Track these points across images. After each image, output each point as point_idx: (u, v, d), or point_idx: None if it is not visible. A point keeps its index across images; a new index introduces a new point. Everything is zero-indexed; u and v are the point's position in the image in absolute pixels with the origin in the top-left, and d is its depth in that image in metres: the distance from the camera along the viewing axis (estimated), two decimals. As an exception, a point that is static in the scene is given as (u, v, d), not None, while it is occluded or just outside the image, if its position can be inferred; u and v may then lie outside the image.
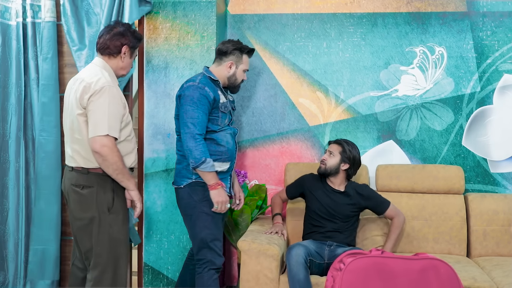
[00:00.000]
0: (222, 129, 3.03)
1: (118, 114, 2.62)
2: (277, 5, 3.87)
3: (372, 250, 2.25)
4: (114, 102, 2.60)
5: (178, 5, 3.58)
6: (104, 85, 2.58)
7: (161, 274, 3.59)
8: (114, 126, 2.58)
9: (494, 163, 3.72)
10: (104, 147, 2.55)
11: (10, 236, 3.59)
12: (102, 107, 2.56)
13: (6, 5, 3.56)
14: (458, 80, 3.74)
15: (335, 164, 3.28)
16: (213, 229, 2.98)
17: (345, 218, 3.26)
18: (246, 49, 3.09)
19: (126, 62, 2.79)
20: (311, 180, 3.40)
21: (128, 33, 2.76)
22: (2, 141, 3.57)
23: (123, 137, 2.69)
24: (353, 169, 3.31)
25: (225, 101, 3.03)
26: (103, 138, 2.55)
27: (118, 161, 2.59)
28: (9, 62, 3.57)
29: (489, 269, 3.17)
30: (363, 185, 3.34)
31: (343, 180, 3.34)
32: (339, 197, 3.30)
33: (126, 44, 2.75)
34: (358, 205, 3.28)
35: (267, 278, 3.01)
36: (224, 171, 3.05)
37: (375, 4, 3.79)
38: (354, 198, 3.28)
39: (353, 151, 3.30)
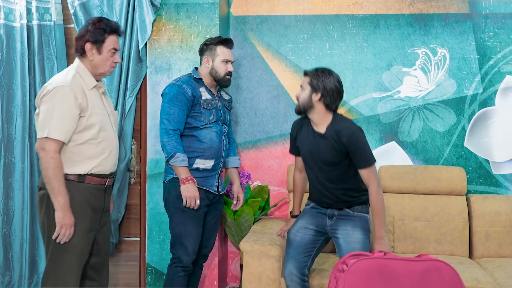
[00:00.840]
0: (207, 126, 3.06)
1: (67, 115, 2.44)
2: (279, 7, 3.88)
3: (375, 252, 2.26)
4: (63, 102, 2.44)
5: (181, 6, 3.60)
6: (57, 85, 2.46)
7: (164, 275, 3.60)
8: (58, 128, 2.42)
9: (496, 164, 3.73)
10: (40, 150, 2.43)
11: (15, 237, 3.61)
12: (48, 108, 2.44)
13: (11, 7, 3.58)
14: (460, 81, 3.75)
15: (306, 98, 2.84)
16: (188, 226, 3.02)
17: (330, 165, 2.85)
18: (216, 40, 3.11)
19: (98, 60, 2.59)
20: (296, 125, 3.04)
21: (88, 28, 2.57)
22: (8, 143, 3.60)
23: (82, 139, 2.51)
24: (329, 97, 2.80)
25: (208, 98, 3.08)
26: (43, 141, 2.43)
27: (48, 168, 2.40)
28: (13, 64, 3.59)
29: (492, 270, 3.18)
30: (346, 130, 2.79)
31: (324, 116, 2.85)
32: (320, 140, 2.87)
33: (88, 41, 2.56)
34: (339, 150, 2.81)
35: (270, 279, 3.03)
36: (209, 169, 3.08)
37: (377, 5, 3.80)
38: (333, 142, 2.81)
39: (323, 77, 2.83)
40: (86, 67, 2.59)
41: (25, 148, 3.59)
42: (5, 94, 3.59)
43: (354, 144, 2.77)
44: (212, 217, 3.18)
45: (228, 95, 3.28)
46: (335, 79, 2.85)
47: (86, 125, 2.51)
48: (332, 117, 2.86)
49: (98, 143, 2.56)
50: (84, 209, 2.54)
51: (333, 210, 2.93)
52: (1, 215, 3.59)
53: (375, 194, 2.78)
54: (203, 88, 3.09)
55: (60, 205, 2.43)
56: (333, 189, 2.88)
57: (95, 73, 2.61)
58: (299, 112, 2.91)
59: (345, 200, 2.89)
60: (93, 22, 2.59)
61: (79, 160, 2.51)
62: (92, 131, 2.53)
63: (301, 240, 2.95)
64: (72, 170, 2.50)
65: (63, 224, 2.43)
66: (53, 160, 2.41)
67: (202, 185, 3.06)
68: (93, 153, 2.55)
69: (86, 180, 2.54)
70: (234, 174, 3.31)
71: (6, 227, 3.61)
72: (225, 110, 3.20)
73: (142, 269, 3.70)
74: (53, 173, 2.40)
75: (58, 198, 2.42)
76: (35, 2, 3.57)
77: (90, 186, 2.56)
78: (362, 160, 2.78)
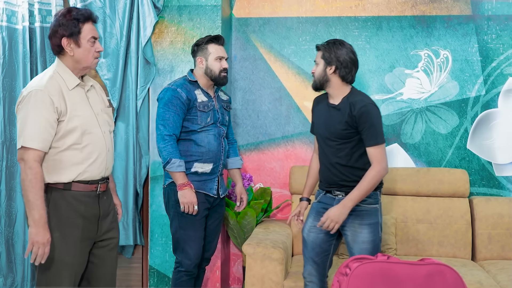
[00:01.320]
0: (204, 129, 3.04)
1: (42, 120, 2.24)
2: (282, 9, 3.88)
3: (378, 255, 2.25)
4: (37, 108, 2.24)
5: (184, 9, 3.60)
6: (31, 89, 2.27)
7: (167, 277, 3.61)
8: (34, 136, 2.22)
9: (499, 166, 3.73)
10: (20, 161, 2.25)
11: (18, 239, 3.62)
12: (23, 116, 2.26)
13: (13, 9, 3.59)
14: (463, 83, 3.74)
15: (320, 72, 2.78)
16: (189, 230, 3.02)
17: (339, 138, 2.77)
18: (206, 39, 3.10)
19: (79, 53, 2.36)
20: (317, 102, 2.96)
21: (61, 22, 2.34)
22: (10, 145, 3.60)
23: (64, 145, 2.31)
24: (343, 69, 2.74)
25: (204, 100, 3.05)
26: (20, 151, 2.25)
27: (25, 180, 2.21)
28: (16, 66, 3.60)
29: (495, 273, 3.17)
30: (360, 103, 2.71)
31: (341, 88, 2.79)
32: (332, 111, 2.80)
33: (63, 35, 2.33)
34: (350, 124, 2.73)
35: (272, 281, 3.03)
36: (208, 173, 3.06)
37: (379, 7, 3.80)
38: (345, 114, 2.73)
39: (335, 49, 2.76)
40: (66, 65, 2.38)
41: None
42: (8, 97, 3.59)
43: (364, 117, 2.68)
44: (214, 220, 3.16)
45: (226, 95, 3.25)
46: (348, 49, 2.77)
47: (67, 130, 2.31)
48: (349, 90, 2.80)
49: (82, 148, 2.35)
50: (73, 218, 2.35)
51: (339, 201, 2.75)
52: (4, 217, 3.60)
53: (374, 171, 2.68)
54: (198, 91, 3.07)
55: (34, 220, 2.21)
56: (339, 165, 2.78)
57: (78, 69, 2.40)
58: (316, 88, 2.85)
59: (351, 180, 2.76)
60: (63, 14, 2.36)
61: (63, 167, 2.32)
62: (74, 136, 2.33)
63: (314, 240, 2.87)
64: (56, 179, 2.32)
65: (35, 241, 2.20)
66: (30, 170, 2.22)
67: (201, 189, 3.04)
68: (78, 159, 2.35)
69: (72, 187, 2.35)
70: (236, 175, 3.29)
71: (9, 229, 3.61)
72: (223, 111, 3.16)
73: (145, 272, 3.70)
74: (28, 185, 2.21)
75: (32, 212, 2.21)
76: (38, 5, 3.57)
77: (78, 194, 2.36)
78: (370, 137, 2.69)
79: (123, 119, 3.56)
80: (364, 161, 2.76)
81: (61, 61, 2.39)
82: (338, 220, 2.68)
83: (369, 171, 2.69)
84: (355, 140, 2.75)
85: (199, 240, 3.05)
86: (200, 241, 3.05)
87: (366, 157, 2.75)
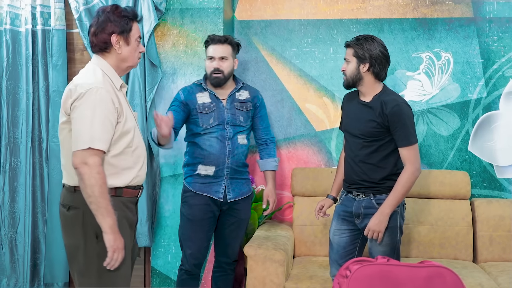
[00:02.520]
0: (207, 131, 3.07)
1: (106, 121, 2.14)
2: (283, 11, 3.90)
3: (378, 258, 2.27)
4: (101, 107, 2.12)
5: (186, 11, 3.62)
6: (90, 86, 2.14)
7: (169, 279, 3.63)
8: (99, 137, 2.11)
9: (501, 168, 3.73)
10: (82, 165, 2.08)
11: (21, 240, 3.64)
12: (85, 114, 2.12)
13: (17, 12, 3.62)
14: (464, 85, 3.75)
15: (353, 70, 2.74)
16: (188, 231, 3.10)
17: (367, 136, 2.73)
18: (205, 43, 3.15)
19: (126, 52, 2.29)
20: (346, 99, 2.94)
21: (111, 18, 2.25)
22: (13, 147, 3.63)
23: (119, 149, 2.21)
24: (377, 66, 2.71)
25: (206, 102, 3.09)
26: (84, 153, 2.09)
27: (94, 185, 2.07)
28: (19, 69, 3.62)
29: (496, 274, 3.18)
30: (392, 102, 2.67)
31: (373, 86, 2.76)
32: (363, 109, 2.77)
33: (114, 32, 2.24)
34: (380, 122, 2.69)
35: (273, 283, 3.04)
36: (211, 175, 3.09)
37: (381, 10, 3.81)
38: (376, 112, 2.70)
39: (367, 45, 2.72)
40: (110, 64, 2.28)
41: (28, 152, 3.62)
42: (11, 99, 3.62)
43: (397, 117, 2.64)
44: (229, 224, 3.17)
45: (247, 95, 3.21)
46: (379, 44, 2.73)
47: (123, 132, 2.21)
48: (382, 88, 2.77)
49: (133, 151, 2.26)
50: (124, 227, 2.24)
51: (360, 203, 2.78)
52: (7, 219, 3.63)
53: (408, 173, 2.65)
54: (201, 93, 3.11)
55: (110, 227, 2.10)
56: (362, 163, 2.76)
57: (121, 68, 2.32)
58: (347, 86, 2.81)
59: (372, 179, 2.75)
60: (112, 10, 2.26)
61: (115, 172, 2.22)
62: (128, 138, 2.24)
63: (339, 243, 2.88)
64: (109, 184, 2.17)
65: (116, 247, 2.12)
66: (99, 175, 2.09)
67: (205, 192, 3.08)
68: (129, 163, 2.25)
69: (123, 193, 2.25)
70: (267, 176, 3.29)
71: (12, 231, 3.64)
72: (236, 111, 3.13)
73: (147, 273, 3.72)
74: (100, 191, 2.08)
75: (107, 219, 2.10)
76: (40, 8, 3.60)
77: (126, 200, 2.27)
78: (402, 137, 2.65)
79: None
80: (387, 162, 2.75)
81: (104, 59, 2.28)
82: (380, 229, 2.69)
83: (402, 173, 2.67)
84: (383, 140, 2.72)
85: (199, 242, 3.08)
86: (200, 242, 3.09)
87: (390, 159, 2.75)
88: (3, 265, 3.64)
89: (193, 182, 3.11)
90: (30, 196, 3.63)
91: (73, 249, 2.21)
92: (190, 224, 3.09)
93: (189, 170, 3.15)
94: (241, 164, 3.17)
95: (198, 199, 3.08)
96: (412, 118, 2.71)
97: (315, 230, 3.57)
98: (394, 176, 2.73)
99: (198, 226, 3.08)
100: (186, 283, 3.13)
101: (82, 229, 2.18)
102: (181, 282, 3.16)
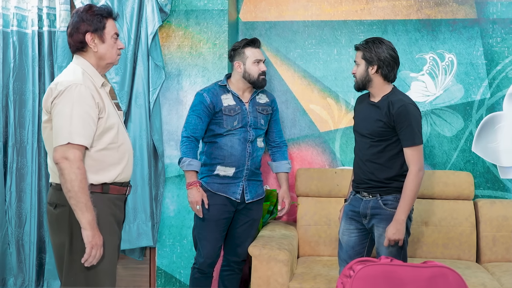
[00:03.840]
0: (230, 132, 3.10)
1: (86, 116, 2.14)
2: (288, 13, 3.92)
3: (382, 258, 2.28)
4: (80, 102, 2.14)
5: (191, 13, 3.64)
6: (70, 84, 2.16)
7: (174, 278, 3.66)
8: (79, 132, 2.11)
9: (504, 169, 3.74)
10: (63, 160, 2.09)
11: (27, 239, 3.68)
12: (64, 110, 2.13)
13: (23, 14, 3.65)
14: (468, 86, 3.77)
15: (362, 72, 2.80)
16: (202, 229, 3.13)
17: (374, 136, 2.78)
18: (242, 43, 3.15)
19: (103, 49, 2.30)
20: (358, 101, 3.00)
21: (84, 17, 2.26)
22: (20, 147, 3.67)
23: (102, 144, 2.22)
24: (385, 68, 2.75)
25: (231, 104, 3.11)
26: (64, 148, 2.10)
27: (74, 180, 2.07)
28: (26, 70, 3.65)
29: (499, 275, 3.19)
30: (399, 102, 2.71)
31: (383, 87, 2.81)
32: (371, 109, 2.83)
33: (87, 31, 2.26)
34: (388, 123, 2.73)
35: (278, 283, 3.06)
36: (230, 176, 3.12)
37: (385, 11, 3.83)
38: (383, 112, 2.74)
39: (375, 48, 2.77)
40: (89, 62, 2.30)
41: (34, 152, 3.66)
42: (18, 100, 3.66)
43: (402, 117, 2.67)
44: (242, 224, 3.21)
45: (266, 98, 3.26)
46: (388, 46, 2.78)
47: (106, 127, 2.23)
48: (390, 89, 2.81)
49: (118, 147, 2.28)
50: (111, 224, 2.26)
51: (367, 203, 2.81)
52: (14, 218, 3.66)
53: (412, 175, 2.68)
54: (226, 95, 3.13)
55: (89, 222, 2.11)
56: (369, 162, 2.80)
57: (101, 66, 2.34)
58: (358, 88, 2.87)
59: (379, 179, 2.78)
60: (85, 10, 2.28)
61: (102, 168, 2.23)
62: (111, 134, 2.25)
63: (348, 242, 2.91)
64: (95, 180, 2.21)
65: (94, 244, 2.13)
66: (79, 170, 2.10)
67: (223, 192, 3.12)
68: (115, 158, 2.27)
69: (110, 190, 2.26)
70: (281, 178, 3.34)
71: (19, 230, 3.68)
72: (258, 114, 3.18)
73: (152, 272, 3.75)
74: (79, 186, 2.09)
75: (85, 215, 2.10)
76: (46, 9, 3.63)
77: (114, 197, 2.28)
78: (406, 137, 2.69)
79: (134, 122, 3.59)
80: (394, 162, 2.77)
81: (83, 58, 2.31)
82: (399, 237, 2.71)
83: (407, 177, 2.70)
84: (390, 140, 2.75)
85: (214, 241, 3.12)
86: (215, 242, 3.12)
87: (397, 159, 2.77)
88: (10, 265, 3.67)
89: (211, 182, 3.14)
90: (36, 196, 3.66)
91: (60, 246, 2.22)
92: (207, 224, 3.11)
93: (206, 170, 3.17)
94: (258, 167, 3.24)
95: (215, 199, 3.11)
96: (418, 119, 2.74)
97: (319, 230, 3.59)
98: (400, 177, 2.76)
99: (214, 226, 3.12)
100: (199, 282, 3.17)
101: (68, 226, 2.19)
102: (194, 280, 3.19)
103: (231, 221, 3.21)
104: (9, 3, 3.61)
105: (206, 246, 3.13)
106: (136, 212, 3.55)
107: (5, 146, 3.65)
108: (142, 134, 3.57)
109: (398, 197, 2.75)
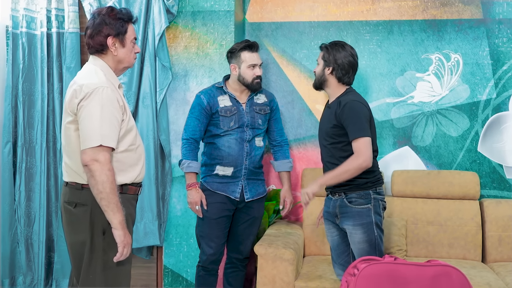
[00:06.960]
0: (227, 133, 3.15)
1: (113, 119, 2.20)
2: (294, 13, 3.94)
3: (386, 257, 2.31)
4: (108, 105, 2.18)
5: (197, 14, 3.67)
6: (96, 86, 2.19)
7: (181, 277, 3.69)
8: (108, 135, 2.17)
9: (510, 169, 3.74)
10: (93, 162, 2.13)
11: (36, 238, 3.72)
12: (94, 113, 2.16)
13: (32, 16, 3.70)
14: (473, 86, 3.77)
15: (320, 72, 2.90)
16: (203, 227, 3.19)
17: (329, 137, 2.85)
18: (240, 46, 3.17)
19: (122, 53, 2.34)
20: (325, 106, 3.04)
21: (107, 21, 2.29)
22: (29, 147, 3.71)
23: (124, 146, 2.28)
24: (340, 71, 2.82)
25: (228, 105, 3.16)
26: (95, 150, 2.14)
27: (106, 182, 2.13)
28: (35, 71, 3.70)
29: (504, 274, 3.19)
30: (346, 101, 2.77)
31: (337, 89, 2.87)
32: (326, 111, 2.93)
33: (110, 34, 2.29)
34: (337, 122, 2.78)
35: (283, 282, 3.08)
36: (229, 176, 3.18)
37: (391, 11, 3.84)
38: (333, 112, 2.81)
39: (334, 51, 2.84)
40: (108, 64, 2.34)
41: (43, 152, 3.70)
42: (27, 100, 3.70)
43: (346, 112, 2.72)
44: (243, 222, 3.27)
45: (264, 98, 3.30)
46: (347, 52, 2.84)
47: (127, 129, 2.28)
48: (344, 90, 2.87)
49: (136, 148, 2.33)
50: (129, 224, 2.30)
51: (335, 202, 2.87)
52: (23, 217, 3.71)
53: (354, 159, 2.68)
54: (222, 96, 3.18)
55: (120, 222, 2.17)
56: (330, 164, 2.84)
57: (119, 69, 2.38)
58: (315, 87, 2.96)
59: None
60: (107, 13, 2.30)
61: (123, 169, 2.28)
62: (131, 135, 2.31)
63: (332, 243, 3.01)
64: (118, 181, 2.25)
65: (126, 243, 2.20)
66: (110, 172, 2.15)
67: (222, 191, 3.17)
68: (134, 159, 2.32)
69: (128, 190, 2.31)
70: (283, 177, 3.41)
71: (28, 229, 3.72)
72: (255, 114, 3.23)
73: (159, 271, 3.78)
74: (110, 187, 2.14)
75: (117, 215, 2.16)
76: (54, 11, 3.68)
77: (130, 197, 2.33)
78: (352, 131, 2.71)
79: (141, 122, 3.62)
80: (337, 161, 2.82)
81: (102, 60, 2.34)
82: (307, 191, 2.73)
83: (349, 159, 2.71)
84: (344, 140, 2.79)
85: (215, 239, 3.17)
86: (217, 240, 3.18)
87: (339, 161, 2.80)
88: (19, 263, 3.72)
89: (210, 181, 3.21)
90: (45, 195, 3.71)
91: (79, 245, 2.24)
92: (207, 222, 3.17)
93: (206, 170, 3.24)
94: (258, 166, 3.28)
95: (215, 197, 3.18)
96: (364, 114, 2.75)
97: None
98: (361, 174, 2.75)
99: (214, 224, 3.17)
100: (204, 280, 3.23)
101: (89, 225, 2.22)
102: (199, 278, 3.25)
103: (232, 219, 3.26)
104: (18, 4, 3.66)
105: (208, 244, 3.19)
106: (143, 211, 3.58)
107: (14, 146, 3.70)
108: (149, 134, 3.60)
109: (361, 193, 2.80)
